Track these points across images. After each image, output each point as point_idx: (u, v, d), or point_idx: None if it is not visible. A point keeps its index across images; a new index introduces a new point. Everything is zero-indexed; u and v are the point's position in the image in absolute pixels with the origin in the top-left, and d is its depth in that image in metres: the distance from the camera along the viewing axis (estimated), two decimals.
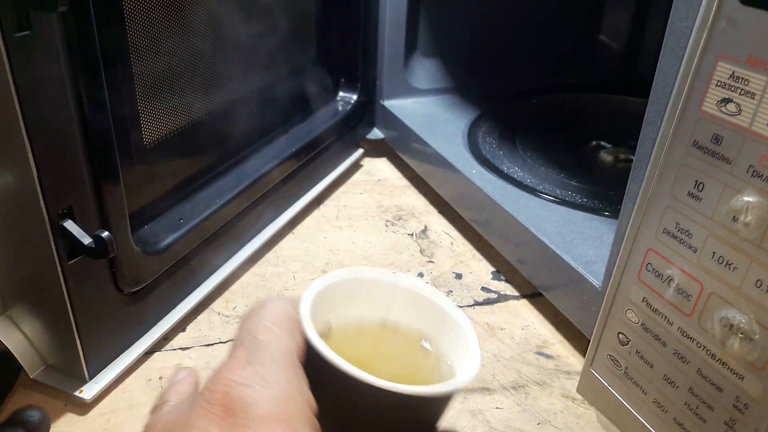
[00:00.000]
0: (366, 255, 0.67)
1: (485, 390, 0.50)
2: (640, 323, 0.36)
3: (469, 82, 0.89)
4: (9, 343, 0.45)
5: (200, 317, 0.57)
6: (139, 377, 0.50)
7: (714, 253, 0.32)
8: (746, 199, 0.30)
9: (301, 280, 0.62)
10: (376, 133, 0.86)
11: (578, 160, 0.72)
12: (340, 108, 0.81)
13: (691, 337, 0.33)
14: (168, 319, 0.54)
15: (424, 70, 0.87)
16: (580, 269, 0.52)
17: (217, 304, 0.59)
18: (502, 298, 0.61)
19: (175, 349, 0.53)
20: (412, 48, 0.86)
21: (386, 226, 0.72)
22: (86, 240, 0.41)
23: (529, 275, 0.59)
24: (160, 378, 0.50)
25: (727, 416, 0.32)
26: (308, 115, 0.76)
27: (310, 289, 0.35)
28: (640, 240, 0.36)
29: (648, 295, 0.36)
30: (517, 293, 0.62)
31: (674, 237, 0.34)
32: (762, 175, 0.29)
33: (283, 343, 0.29)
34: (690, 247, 0.33)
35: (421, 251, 0.68)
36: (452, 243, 0.70)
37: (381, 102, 0.84)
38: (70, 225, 0.41)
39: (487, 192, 0.63)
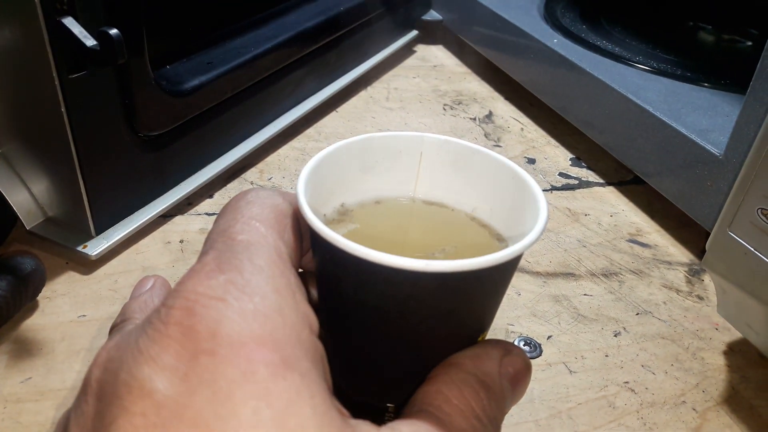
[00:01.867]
0: None
1: (570, 275, 0.41)
2: None
3: None
4: (1, 186, 0.37)
5: (230, 185, 0.49)
6: (157, 239, 0.42)
7: None
8: None
9: None
10: (433, 15, 0.76)
11: (675, 39, 0.61)
12: None
13: None
14: (193, 180, 0.45)
15: None
16: (693, 137, 0.42)
17: (251, 174, 0.50)
18: (584, 184, 0.52)
19: (200, 214, 0.45)
20: None
21: (444, 109, 0.63)
22: (89, 42, 0.33)
23: (623, 157, 0.49)
24: (181, 241, 0.42)
25: None
26: None
27: (309, 163, 0.27)
28: None
29: None
30: (601, 180, 0.53)
31: None
32: None
33: (269, 242, 0.20)
34: None
35: (486, 135, 0.59)
36: (522, 129, 0.60)
37: None
38: (69, 22, 0.33)
39: (574, 60, 0.53)
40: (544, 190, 0.50)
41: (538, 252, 0.43)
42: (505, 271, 0.25)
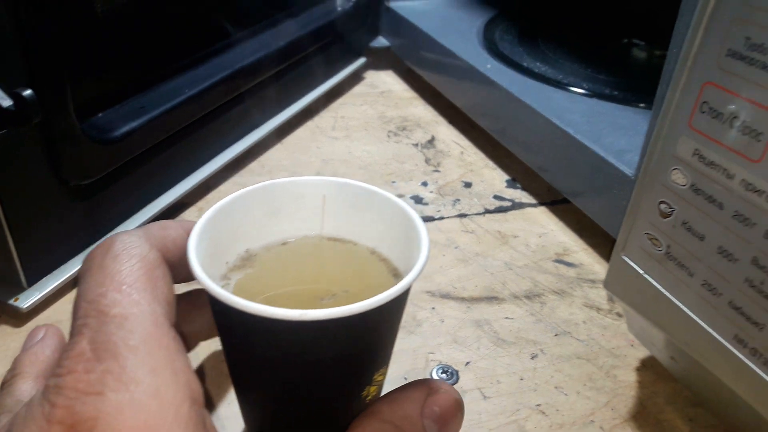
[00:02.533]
0: (364, 165, 0.59)
1: (493, 299, 0.42)
2: (689, 185, 0.28)
3: None
4: None
5: None
6: None
7: None
8: None
9: None
10: (381, 41, 0.78)
11: (608, 57, 0.63)
12: (340, 8, 0.72)
13: (758, 190, 0.25)
14: (129, 224, 0.46)
15: None
16: (609, 158, 0.44)
17: (190, 213, 0.51)
18: (518, 205, 0.53)
19: None
20: None
21: (388, 136, 0.64)
22: (5, 102, 0.34)
23: (552, 179, 0.51)
24: None
25: None
26: (301, 11, 0.67)
27: (203, 217, 0.28)
28: (694, 75, 0.27)
29: (702, 144, 0.27)
30: (534, 201, 0.54)
31: (743, 58, 0.25)
32: None
33: (143, 310, 0.21)
34: (765, 67, 0.24)
35: (427, 161, 0.60)
36: (462, 152, 0.62)
37: (386, 4, 0.75)
38: None
39: (504, 85, 0.55)
40: (477, 214, 0.52)
41: (464, 277, 0.44)
42: (386, 313, 0.26)
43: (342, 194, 0.32)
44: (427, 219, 0.51)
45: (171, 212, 0.50)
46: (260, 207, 0.31)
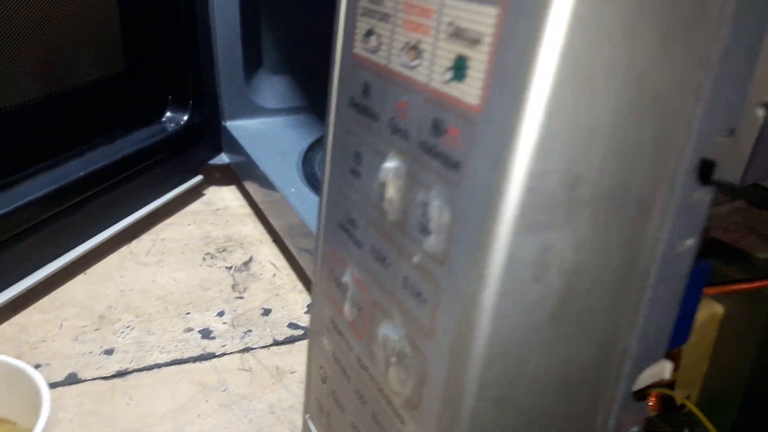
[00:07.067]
0: (163, 294, 0.57)
1: None
2: (332, 352, 0.27)
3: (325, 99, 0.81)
4: None
5: None
6: None
7: (372, 246, 0.23)
8: (388, 165, 0.21)
9: (70, 328, 0.52)
10: (222, 158, 0.78)
11: None
12: (170, 129, 0.72)
13: (365, 367, 0.24)
14: None
15: (273, 89, 0.80)
16: None
17: None
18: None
19: None
20: (256, 64, 0.78)
21: (203, 259, 0.63)
22: None
23: None
24: None
25: None
26: (118, 137, 0.66)
27: None
28: (324, 240, 0.27)
29: (333, 312, 0.26)
30: None
31: (346, 231, 0.25)
32: (400, 130, 0.21)
33: None
34: (356, 243, 0.24)
35: (233, 286, 0.58)
36: (275, 274, 0.60)
37: (223, 124, 0.76)
38: None
39: (300, 211, 0.54)
40: (262, 347, 0.50)
41: (220, 426, 0.42)
42: None
43: None
44: (207, 357, 0.49)
45: None
46: None
